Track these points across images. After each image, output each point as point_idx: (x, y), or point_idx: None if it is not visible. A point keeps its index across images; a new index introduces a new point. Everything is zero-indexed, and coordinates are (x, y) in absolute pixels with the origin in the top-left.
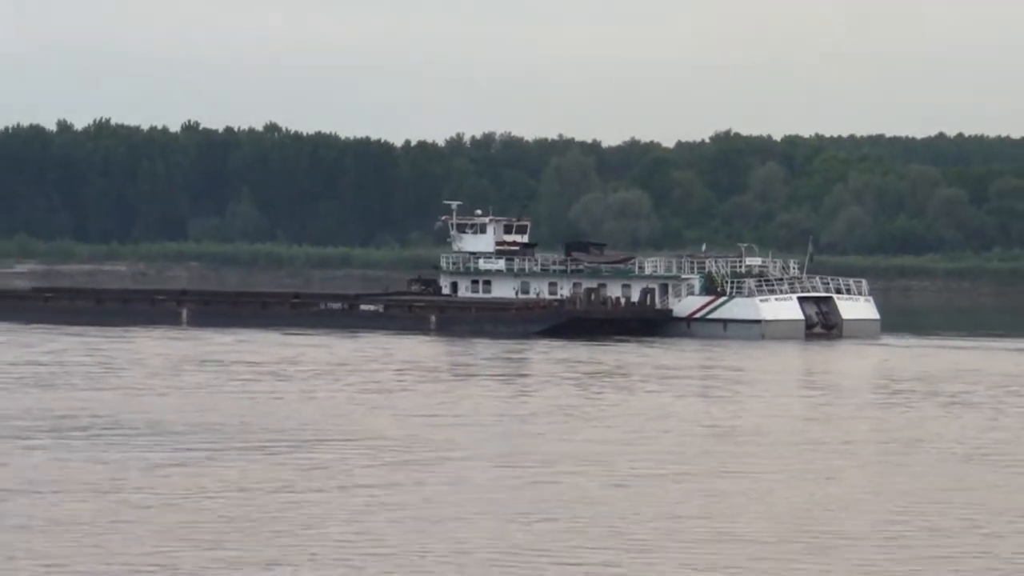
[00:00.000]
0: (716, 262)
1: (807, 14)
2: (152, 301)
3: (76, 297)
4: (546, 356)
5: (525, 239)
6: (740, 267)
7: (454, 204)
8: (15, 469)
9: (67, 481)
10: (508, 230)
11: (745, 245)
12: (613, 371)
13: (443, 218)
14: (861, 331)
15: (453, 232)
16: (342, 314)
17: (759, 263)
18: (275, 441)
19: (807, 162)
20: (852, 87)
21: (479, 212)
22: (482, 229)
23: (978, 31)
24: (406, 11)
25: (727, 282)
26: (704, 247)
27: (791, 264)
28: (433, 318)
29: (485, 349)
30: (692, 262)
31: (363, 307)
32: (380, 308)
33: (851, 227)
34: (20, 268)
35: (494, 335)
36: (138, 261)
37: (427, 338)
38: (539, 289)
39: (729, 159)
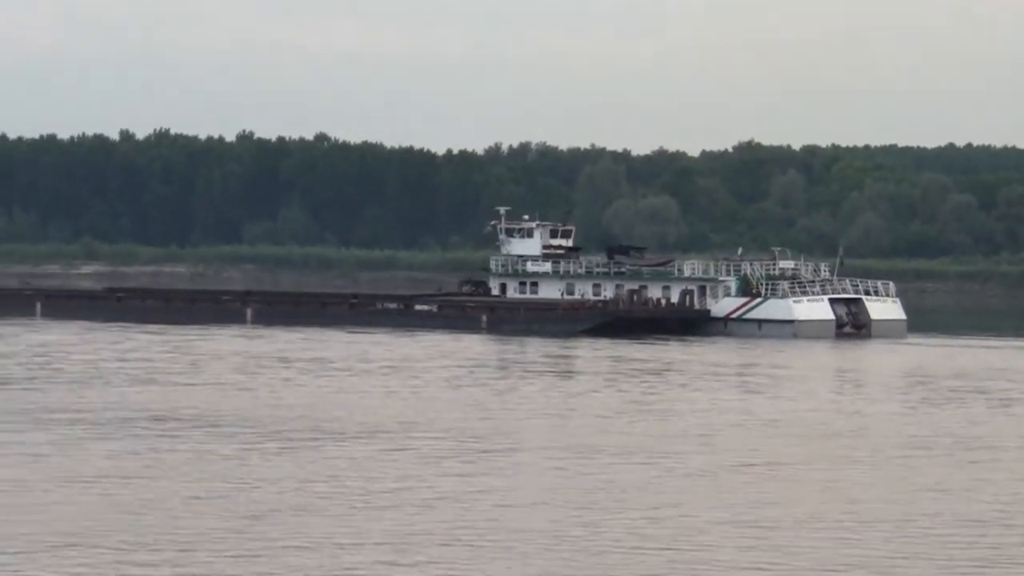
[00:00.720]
0: (751, 265)
1: (823, 31)
2: (218, 301)
3: (146, 297)
4: (597, 353)
5: (570, 243)
6: (774, 270)
7: (502, 210)
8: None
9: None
10: (554, 234)
11: (778, 249)
12: (668, 368)
13: (492, 223)
14: (889, 331)
15: (502, 236)
16: (397, 314)
17: (792, 266)
18: (379, 431)
19: (825, 170)
20: (866, 99)
21: (526, 217)
22: (529, 233)
23: (984, 46)
24: (448, 26)
25: (762, 284)
26: (740, 251)
27: (822, 267)
28: (484, 317)
29: (539, 346)
30: (728, 265)
31: (418, 307)
32: (434, 308)
33: (867, 232)
34: (85, 269)
35: (542, 333)
36: (196, 263)
37: (479, 336)
38: (583, 290)
39: (751, 168)
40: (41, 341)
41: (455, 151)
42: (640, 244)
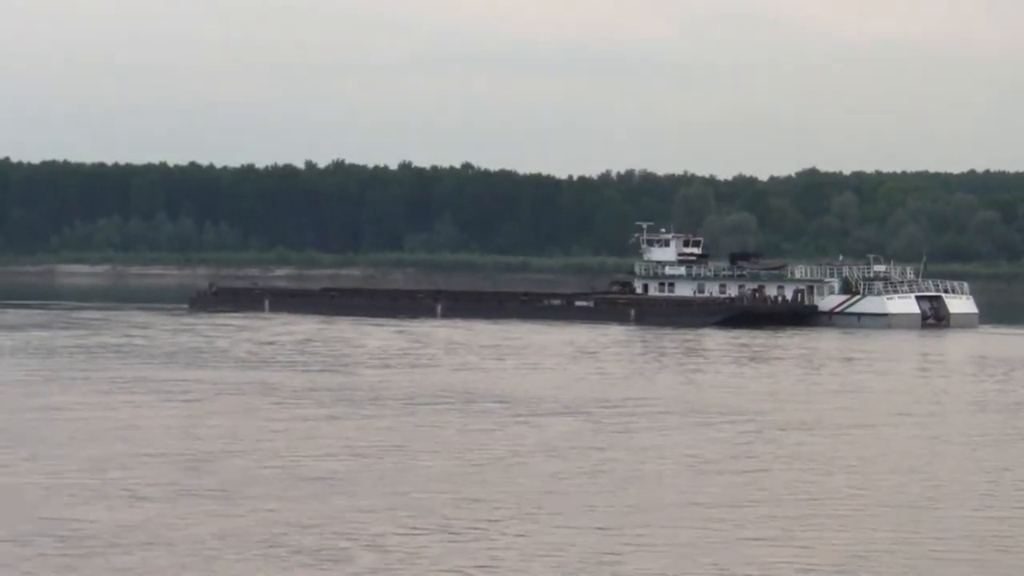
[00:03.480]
0: (851, 268)
1: (868, 77)
2: (414, 298)
3: (354, 296)
4: (734, 342)
5: (699, 251)
6: (869, 272)
7: (644, 225)
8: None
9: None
10: (686, 244)
11: (872, 256)
12: (826, 355)
13: (636, 235)
14: (964, 322)
15: (644, 246)
16: (560, 308)
17: (883, 270)
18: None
19: (873, 191)
20: (905, 134)
21: (663, 231)
22: (667, 243)
23: (994, 84)
24: (574, 74)
25: (860, 284)
26: (841, 257)
27: (907, 270)
28: (632, 311)
29: (684, 335)
30: (831, 268)
31: (577, 303)
32: (591, 304)
33: (909, 242)
34: (279, 272)
35: (679, 325)
36: (366, 267)
37: (629, 327)
38: (711, 289)
39: (812, 190)
40: (300, 331)
41: (575, 176)
42: (755, 252)
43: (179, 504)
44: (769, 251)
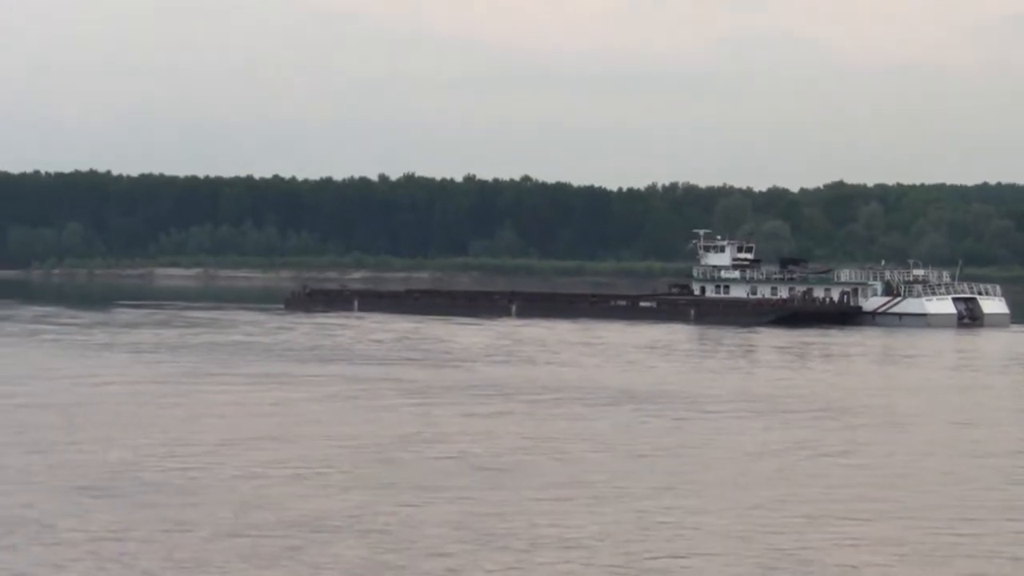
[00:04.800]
0: (892, 272)
1: (890, 96)
2: (490, 299)
3: (435, 297)
4: (797, 340)
5: (751, 256)
6: (909, 276)
7: (701, 232)
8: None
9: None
10: (739, 249)
11: (912, 261)
12: (888, 351)
13: (693, 242)
14: (997, 322)
15: (700, 251)
16: (626, 309)
17: (922, 273)
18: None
19: (896, 202)
20: (924, 148)
21: (719, 238)
22: (722, 249)
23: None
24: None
25: (901, 287)
26: (883, 263)
27: (944, 274)
28: (692, 311)
29: (743, 333)
30: (874, 273)
31: (641, 304)
32: (653, 304)
33: (931, 248)
34: (355, 275)
35: (736, 324)
36: (434, 271)
37: (690, 326)
38: (764, 291)
39: (840, 200)
40: (398, 329)
41: (624, 188)
42: (802, 257)
43: (386, 493)
44: (802, 257)
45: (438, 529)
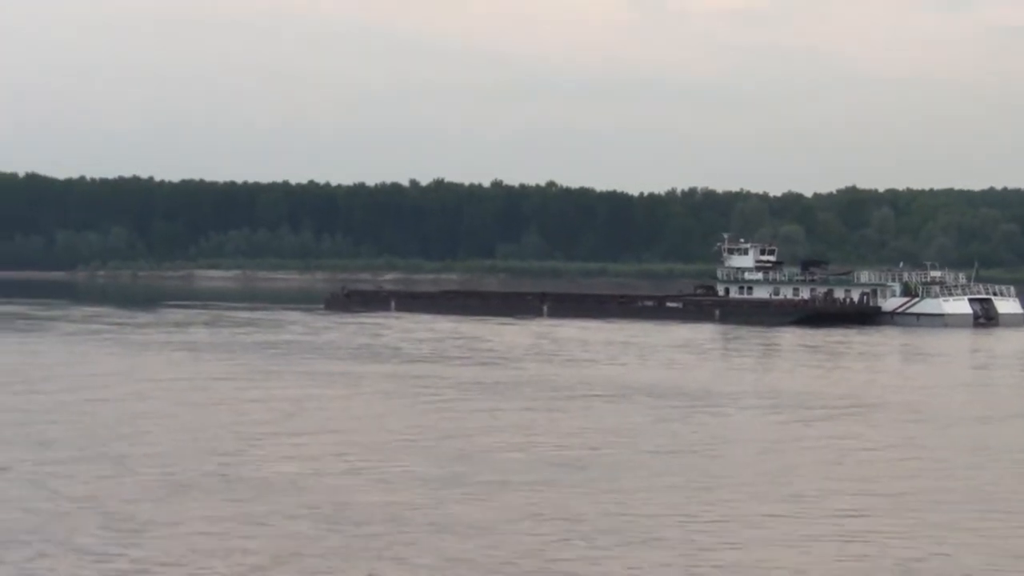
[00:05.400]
0: (910, 274)
1: (899, 105)
2: (523, 299)
3: (469, 297)
4: (826, 340)
5: (774, 259)
6: (926, 278)
7: (726, 235)
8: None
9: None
10: (762, 252)
11: (929, 263)
12: (916, 351)
13: (718, 244)
14: (1012, 322)
15: (725, 254)
16: (653, 309)
17: (939, 275)
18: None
19: (907, 206)
20: (932, 155)
21: (742, 240)
22: (745, 252)
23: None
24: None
25: (919, 288)
26: (901, 264)
27: (960, 275)
28: (717, 312)
29: (770, 332)
30: (893, 274)
31: (668, 304)
32: (680, 305)
33: (940, 251)
34: (387, 276)
35: (760, 324)
36: (463, 273)
37: (716, 326)
38: (786, 292)
39: (853, 205)
40: (439, 329)
41: (645, 193)
42: (824, 259)
43: (461, 488)
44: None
45: (549, 525)
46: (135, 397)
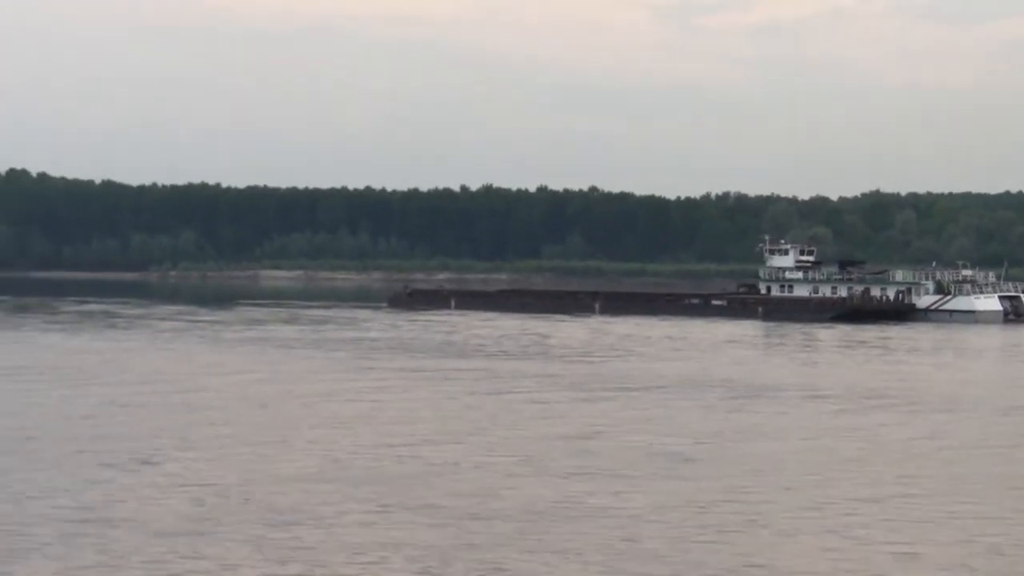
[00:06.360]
0: (943, 273)
1: (919, 114)
2: (576, 298)
3: (525, 296)
4: (872, 335)
5: (812, 259)
6: (958, 276)
7: (766, 237)
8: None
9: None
10: (802, 252)
11: (961, 262)
12: (962, 346)
13: (760, 246)
14: None
15: (766, 254)
16: (699, 307)
17: (970, 274)
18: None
19: (928, 209)
20: (951, 160)
21: (783, 241)
22: (786, 252)
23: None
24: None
25: (951, 286)
26: (934, 264)
27: (990, 274)
28: (760, 309)
29: (817, 329)
30: (926, 273)
31: (714, 302)
32: (724, 303)
33: (960, 251)
34: (440, 276)
35: (800, 320)
36: (511, 272)
37: (759, 323)
38: (825, 291)
39: (877, 208)
40: (503, 326)
41: (682, 197)
42: (861, 260)
43: (590, 480)
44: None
45: (673, 514)
46: (266, 392)
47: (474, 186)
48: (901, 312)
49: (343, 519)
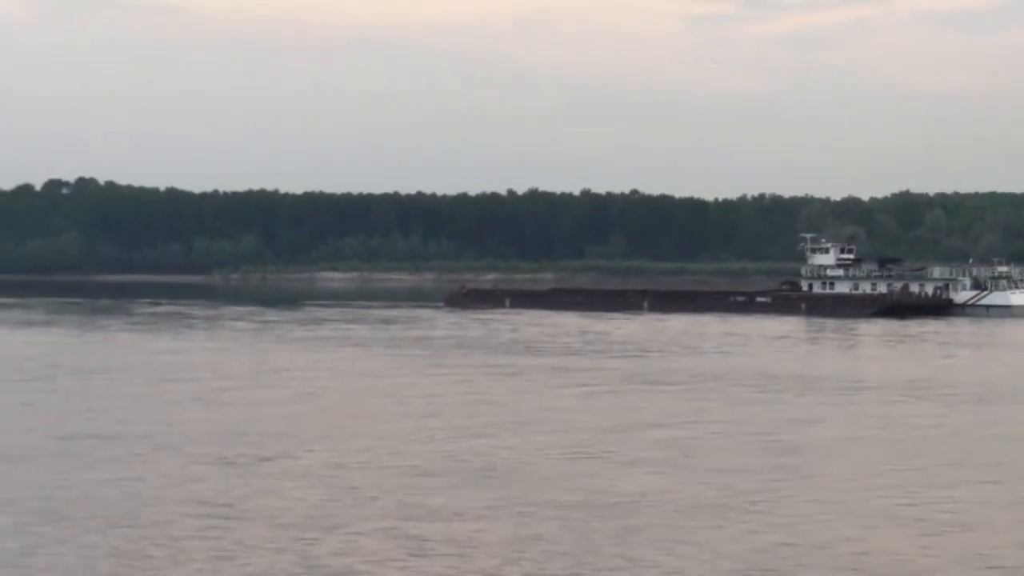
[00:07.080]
0: (979, 269)
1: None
2: (625, 296)
3: (577, 295)
4: (916, 330)
5: (852, 256)
6: (994, 273)
7: (808, 236)
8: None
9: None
10: (842, 251)
11: (996, 259)
12: (991, 340)
13: (801, 245)
14: None
15: (808, 252)
16: (744, 304)
17: (1006, 270)
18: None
19: (956, 208)
20: (977, 160)
21: (823, 240)
22: (827, 250)
23: None
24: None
25: (988, 281)
26: (971, 260)
27: None
28: (803, 305)
29: (859, 324)
30: (964, 269)
31: (758, 299)
32: (769, 300)
33: (988, 249)
34: (488, 277)
35: (843, 316)
36: (557, 272)
37: (802, 318)
38: (865, 287)
39: (907, 208)
40: (562, 323)
41: (719, 199)
42: (899, 257)
43: (689, 473)
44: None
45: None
46: (364, 391)
47: (520, 190)
48: (939, 307)
49: (466, 515)
